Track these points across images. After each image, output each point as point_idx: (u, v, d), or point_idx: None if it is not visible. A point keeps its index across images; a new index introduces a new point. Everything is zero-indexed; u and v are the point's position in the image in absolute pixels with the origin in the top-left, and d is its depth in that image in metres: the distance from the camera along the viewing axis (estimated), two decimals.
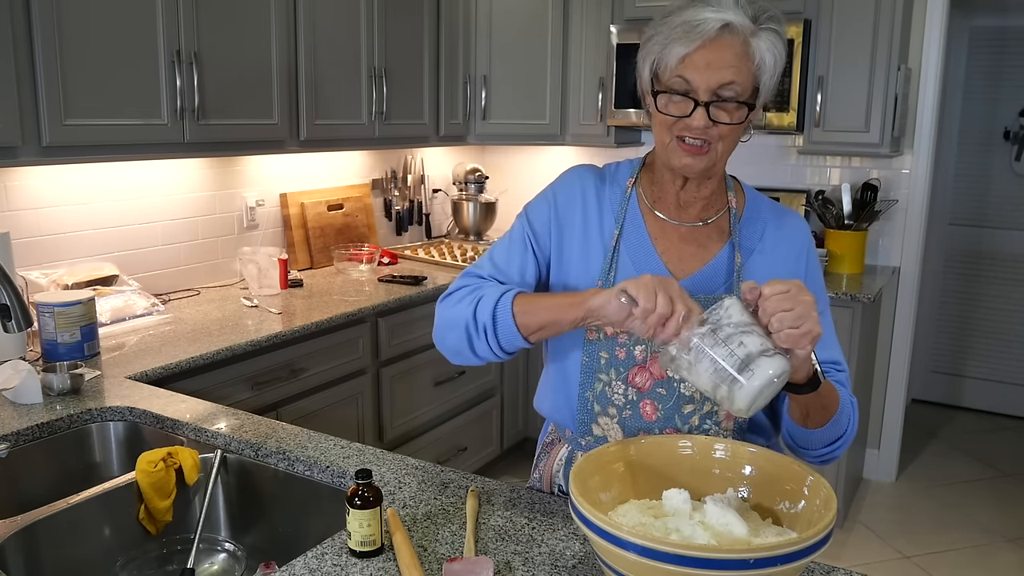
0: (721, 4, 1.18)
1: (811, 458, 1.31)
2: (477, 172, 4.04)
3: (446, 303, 1.35)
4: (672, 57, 1.19)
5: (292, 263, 3.30)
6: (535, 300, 1.25)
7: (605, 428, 1.33)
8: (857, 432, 1.31)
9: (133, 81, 2.31)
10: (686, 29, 1.17)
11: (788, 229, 1.35)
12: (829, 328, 1.33)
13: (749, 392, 1.04)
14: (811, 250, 1.36)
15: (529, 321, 1.24)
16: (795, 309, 1.05)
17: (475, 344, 1.29)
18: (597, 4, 3.65)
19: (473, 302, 1.29)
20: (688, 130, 1.21)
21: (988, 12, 4.37)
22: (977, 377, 4.66)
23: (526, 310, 1.24)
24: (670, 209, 1.34)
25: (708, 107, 1.19)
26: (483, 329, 1.26)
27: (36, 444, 1.71)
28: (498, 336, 1.26)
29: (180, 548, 1.57)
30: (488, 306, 1.26)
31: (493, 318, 1.25)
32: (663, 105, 1.22)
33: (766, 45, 1.20)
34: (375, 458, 1.52)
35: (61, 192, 2.54)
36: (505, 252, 1.39)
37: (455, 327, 1.31)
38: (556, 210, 1.37)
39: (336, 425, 2.70)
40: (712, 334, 1.06)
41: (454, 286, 1.37)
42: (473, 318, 1.27)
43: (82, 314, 2.11)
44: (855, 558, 3.12)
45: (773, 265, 1.32)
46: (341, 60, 2.99)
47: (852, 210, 3.47)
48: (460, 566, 1.12)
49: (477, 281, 1.36)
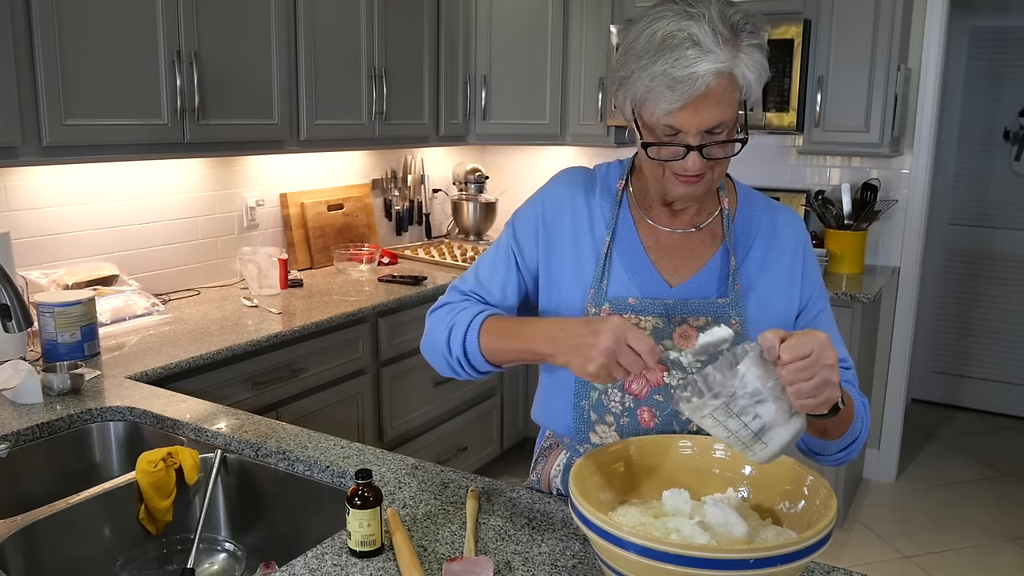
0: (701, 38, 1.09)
1: (827, 462, 1.31)
2: (477, 172, 4.04)
3: (432, 319, 1.38)
4: (658, 111, 1.13)
5: (292, 263, 3.30)
6: (502, 333, 1.26)
7: (603, 436, 1.32)
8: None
9: (133, 81, 2.31)
10: (670, 83, 1.09)
11: (783, 228, 1.33)
12: (831, 326, 1.32)
13: (764, 457, 1.05)
14: (807, 247, 1.34)
15: (495, 355, 1.27)
16: (814, 379, 0.99)
17: (452, 367, 1.33)
18: (597, 4, 3.65)
19: (447, 328, 1.31)
20: (683, 170, 1.18)
21: (988, 12, 4.37)
22: (977, 377, 4.66)
23: (492, 345, 1.26)
24: (662, 217, 1.33)
25: (700, 149, 1.15)
26: (456, 359, 1.30)
27: (36, 444, 1.71)
28: (473, 365, 1.30)
29: (180, 548, 1.57)
30: (458, 337, 1.29)
31: (464, 349, 1.28)
32: (655, 153, 1.19)
33: (749, 65, 1.13)
34: (375, 458, 1.52)
35: (61, 192, 2.54)
36: (489, 267, 1.39)
37: (435, 350, 1.34)
38: (544, 218, 1.35)
39: (336, 425, 2.70)
40: (725, 407, 1.03)
41: (441, 300, 1.39)
42: (447, 346, 1.31)
43: (82, 314, 2.11)
44: (855, 558, 3.12)
45: (769, 267, 1.31)
46: (341, 60, 2.99)
47: (852, 210, 3.47)
48: (460, 566, 1.12)
49: (459, 298, 1.38)
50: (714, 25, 1.09)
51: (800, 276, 1.31)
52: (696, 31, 1.09)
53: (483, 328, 1.27)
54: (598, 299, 1.29)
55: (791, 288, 1.31)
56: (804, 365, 0.99)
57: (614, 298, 1.29)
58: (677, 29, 1.10)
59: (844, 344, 1.32)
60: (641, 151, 1.21)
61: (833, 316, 1.35)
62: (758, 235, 1.32)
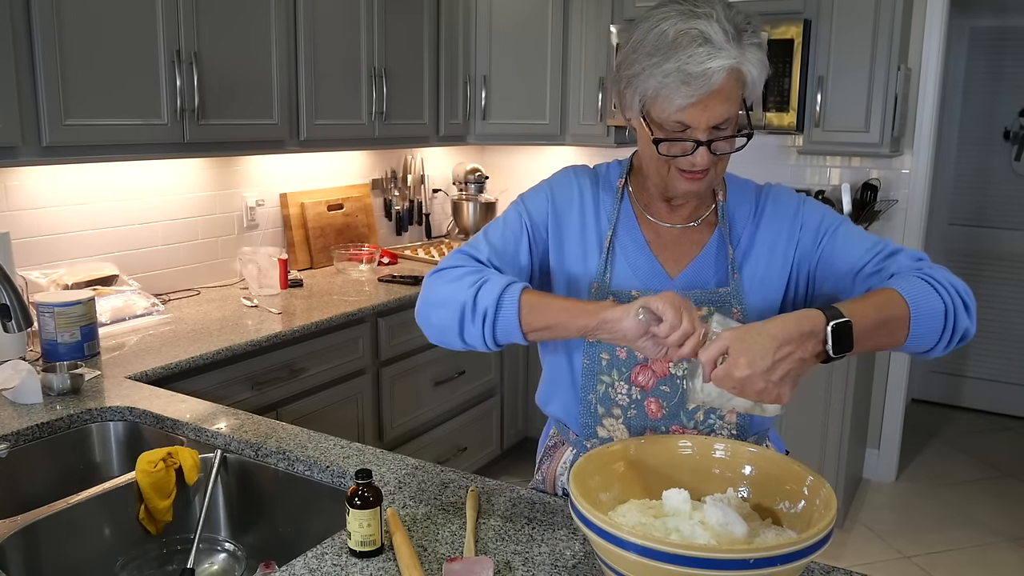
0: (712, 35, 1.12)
1: (941, 352, 1.19)
2: (477, 172, 4.04)
3: (438, 278, 1.28)
4: (671, 107, 1.15)
5: (292, 263, 3.30)
6: (544, 298, 1.21)
7: (611, 429, 1.33)
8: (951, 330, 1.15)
9: (133, 81, 2.31)
10: (684, 79, 1.12)
11: (774, 203, 1.34)
12: (855, 232, 1.29)
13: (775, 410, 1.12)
14: (804, 205, 1.34)
15: (534, 319, 1.18)
16: (743, 388, 1.05)
17: (466, 328, 1.22)
18: (597, 4, 3.65)
19: (475, 284, 1.21)
20: (691, 165, 1.21)
21: (988, 12, 4.37)
22: (977, 377, 4.66)
23: (534, 307, 1.18)
24: (662, 213, 1.35)
25: (709, 144, 1.18)
26: (482, 315, 1.20)
27: (36, 444, 1.71)
28: (496, 325, 1.20)
29: (180, 548, 1.57)
30: (492, 292, 1.19)
31: (497, 306, 1.19)
32: (665, 150, 1.21)
33: (754, 62, 1.17)
34: (375, 458, 1.52)
35: (61, 192, 2.54)
36: (501, 234, 1.34)
37: (447, 305, 1.24)
38: (554, 205, 1.36)
39: (336, 425, 2.70)
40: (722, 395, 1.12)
41: (447, 263, 1.30)
42: (473, 301, 1.20)
43: (82, 314, 2.11)
44: (855, 558, 3.12)
45: (761, 244, 1.32)
46: (341, 60, 2.99)
47: (852, 210, 3.47)
48: (460, 566, 1.12)
49: (474, 263, 1.29)
50: (722, 24, 1.13)
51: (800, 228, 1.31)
52: (707, 29, 1.13)
53: (524, 292, 1.20)
54: (601, 292, 1.31)
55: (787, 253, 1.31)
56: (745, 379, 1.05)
57: (618, 291, 1.30)
58: (688, 27, 1.13)
59: (874, 238, 1.28)
60: (651, 147, 1.22)
61: (857, 227, 1.32)
62: (750, 217, 1.34)
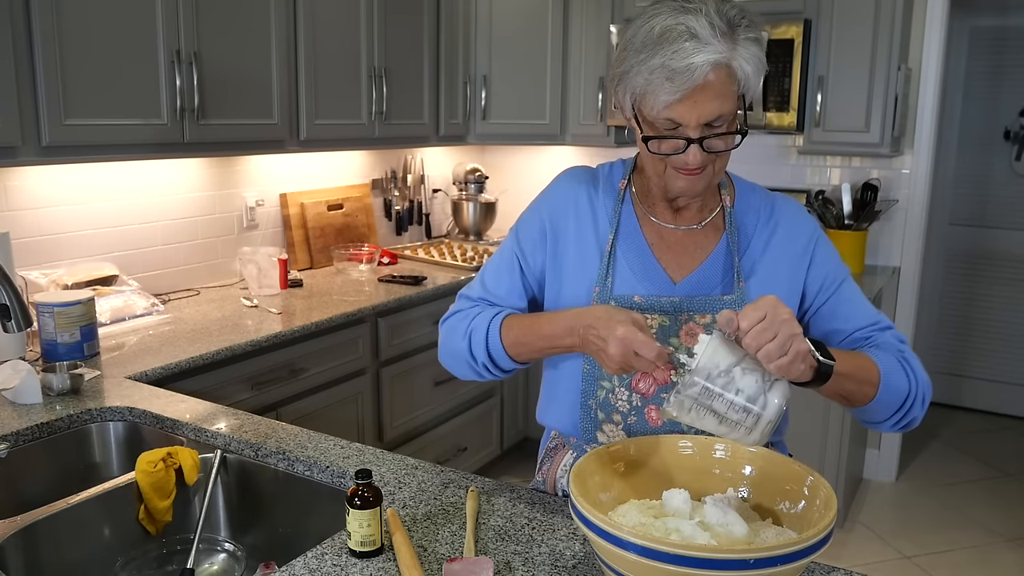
0: (698, 30, 1.11)
1: (887, 428, 1.26)
2: (477, 172, 4.04)
3: (444, 328, 1.41)
4: (658, 104, 1.15)
5: (292, 263, 3.30)
6: (524, 330, 1.28)
7: (610, 435, 1.32)
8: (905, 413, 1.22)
9: (133, 81, 2.30)
10: (668, 75, 1.11)
11: (786, 225, 1.32)
12: (856, 293, 1.31)
13: (759, 433, 1.07)
14: (819, 238, 1.33)
15: (520, 352, 1.30)
16: (777, 336, 1.02)
17: (478, 372, 1.36)
18: (597, 4, 3.65)
19: (466, 336, 1.33)
20: (683, 164, 1.20)
21: (988, 12, 4.37)
22: (977, 377, 4.66)
23: (516, 342, 1.29)
24: (665, 215, 1.34)
25: (701, 141, 1.17)
26: (483, 364, 1.33)
27: (36, 444, 1.71)
28: (498, 366, 1.32)
29: (180, 548, 1.57)
30: (480, 341, 1.31)
31: (488, 353, 1.31)
32: (655, 148, 1.20)
33: (747, 58, 1.15)
34: (375, 458, 1.52)
35: (61, 192, 2.54)
36: (494, 274, 1.40)
37: (457, 358, 1.37)
38: (548, 222, 1.37)
39: (336, 425, 2.70)
40: (707, 391, 1.06)
41: (452, 309, 1.42)
42: (470, 354, 1.33)
43: (82, 314, 2.11)
44: (855, 558, 3.12)
45: (770, 257, 1.31)
46: (341, 60, 2.99)
47: (852, 210, 3.47)
48: (460, 566, 1.12)
49: (468, 305, 1.40)
50: (711, 19, 1.12)
51: (808, 266, 1.31)
52: (693, 24, 1.12)
53: (504, 327, 1.30)
54: (603, 297, 1.30)
55: (794, 278, 1.30)
56: (763, 327, 1.03)
57: (620, 296, 1.29)
58: (675, 23, 1.13)
59: (874, 308, 1.32)
60: (642, 145, 1.22)
61: (857, 286, 1.33)
62: (757, 226, 1.32)
